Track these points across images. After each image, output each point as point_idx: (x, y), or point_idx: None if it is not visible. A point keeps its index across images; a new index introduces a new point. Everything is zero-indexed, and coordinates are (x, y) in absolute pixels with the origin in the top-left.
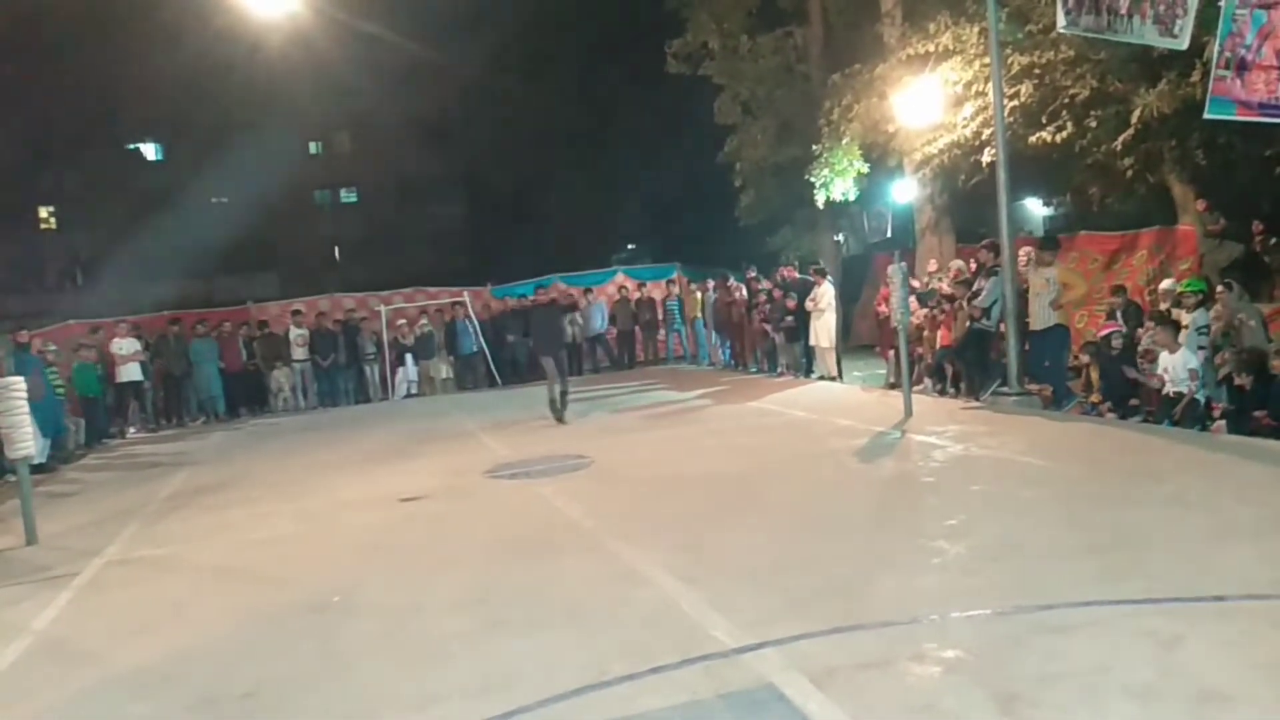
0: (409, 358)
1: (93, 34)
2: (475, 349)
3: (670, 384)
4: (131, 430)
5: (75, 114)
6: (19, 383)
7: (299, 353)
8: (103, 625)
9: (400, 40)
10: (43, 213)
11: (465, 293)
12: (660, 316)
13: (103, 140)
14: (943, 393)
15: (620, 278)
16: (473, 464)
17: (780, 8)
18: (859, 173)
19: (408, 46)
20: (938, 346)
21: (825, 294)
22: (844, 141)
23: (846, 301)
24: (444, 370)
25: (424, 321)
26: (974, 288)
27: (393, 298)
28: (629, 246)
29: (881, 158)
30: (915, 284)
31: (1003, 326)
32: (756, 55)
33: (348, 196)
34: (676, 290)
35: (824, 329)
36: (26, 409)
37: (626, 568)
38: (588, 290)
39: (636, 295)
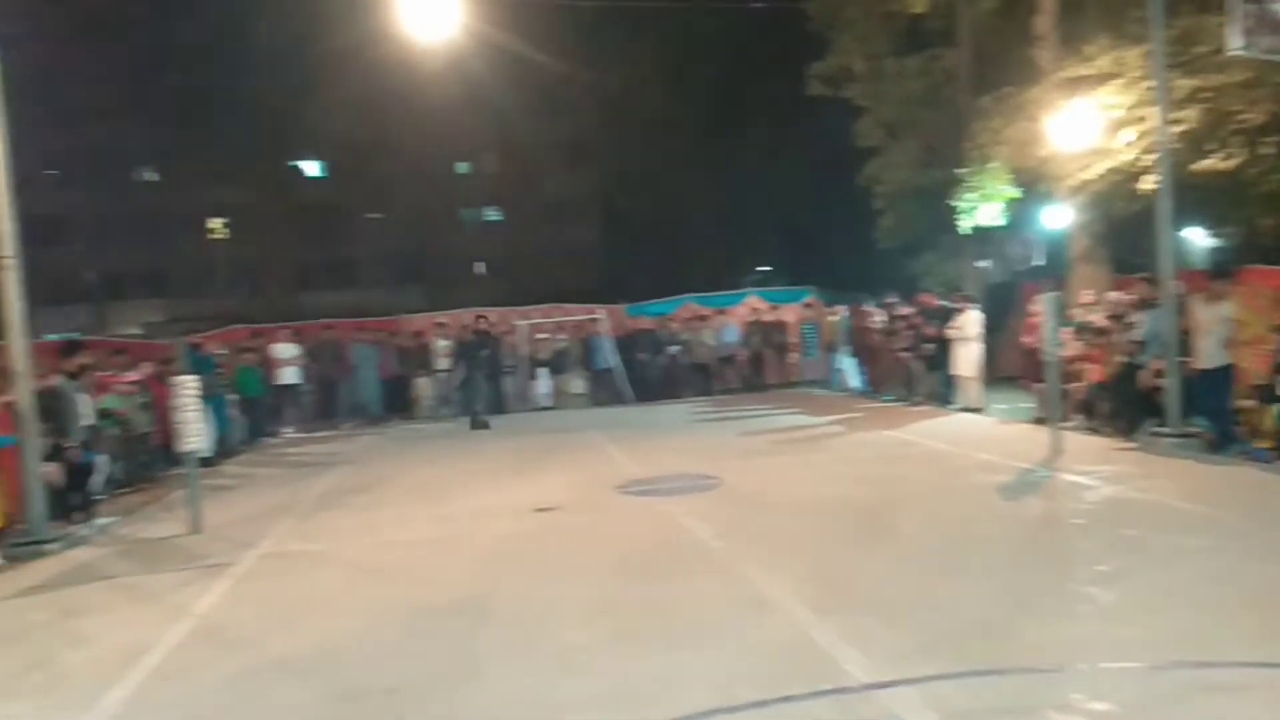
0: (543, 371)
1: (261, 57)
2: (608, 365)
3: (802, 408)
4: (287, 430)
5: (245, 132)
6: (192, 382)
7: (441, 363)
8: (257, 613)
9: (546, 64)
10: (215, 223)
11: (600, 310)
12: (793, 340)
13: (269, 157)
14: (1094, 430)
15: (753, 299)
16: (603, 478)
17: (928, 30)
18: (1007, 198)
19: (553, 71)
20: (1089, 381)
21: (971, 321)
22: (992, 165)
23: (990, 331)
24: (578, 385)
25: (561, 336)
26: (1128, 320)
27: (531, 313)
28: (762, 268)
29: (1032, 183)
30: (1067, 315)
31: (1154, 364)
32: (902, 78)
33: (491, 215)
34: (811, 313)
35: (968, 358)
36: (198, 406)
37: (755, 592)
38: (719, 311)
39: (770, 317)
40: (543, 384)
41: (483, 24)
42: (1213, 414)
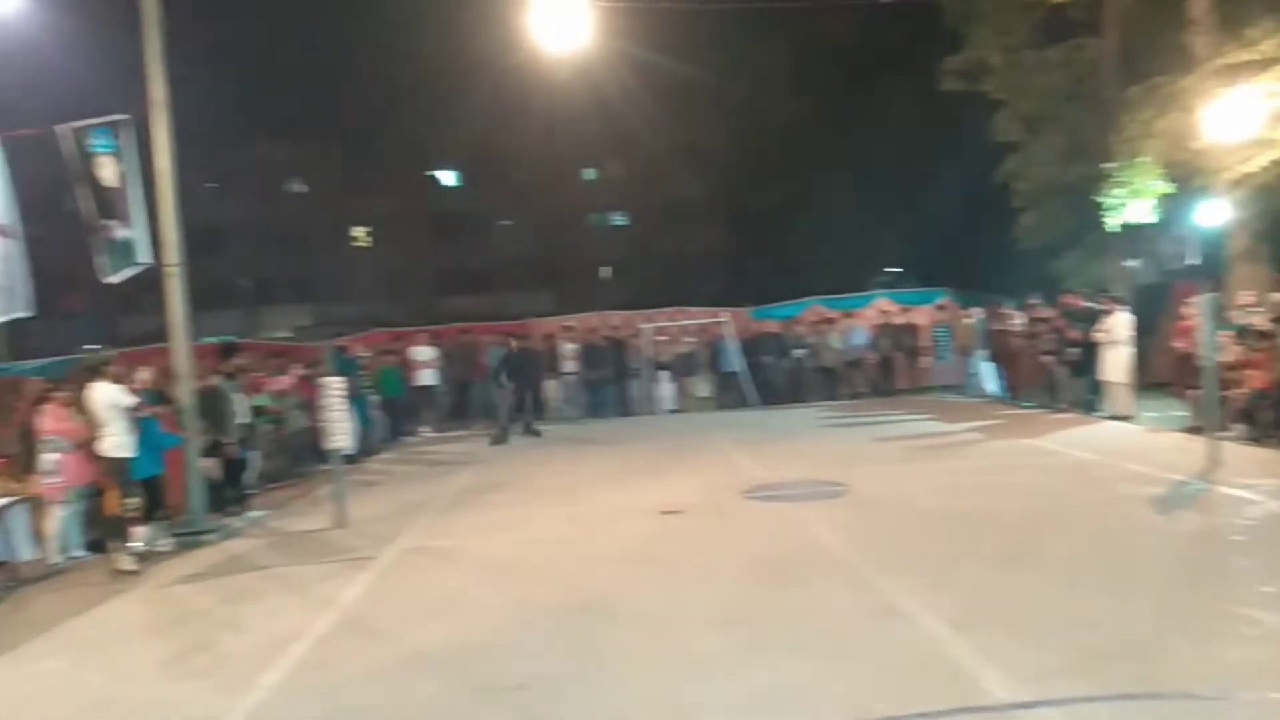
0: (665, 374)
1: (400, 72)
2: (734, 369)
3: (936, 414)
4: (424, 430)
5: (386, 145)
6: (338, 383)
7: (569, 366)
8: (397, 606)
9: (671, 68)
10: (358, 232)
11: (725, 313)
12: (925, 343)
13: (408, 168)
14: (1256, 441)
15: (882, 302)
16: (729, 482)
17: (1071, 19)
18: (1158, 193)
19: (678, 74)
20: (1250, 388)
21: (1121, 324)
22: (1142, 159)
23: (1140, 334)
24: (703, 388)
25: (688, 339)
26: None
27: (656, 316)
28: (890, 270)
29: (1186, 177)
30: (1225, 317)
31: None
32: (1043, 69)
33: (618, 220)
34: (944, 316)
35: (1117, 363)
36: (343, 406)
37: (887, 603)
38: (847, 314)
39: (900, 320)
40: (666, 387)
41: (610, 31)
42: None
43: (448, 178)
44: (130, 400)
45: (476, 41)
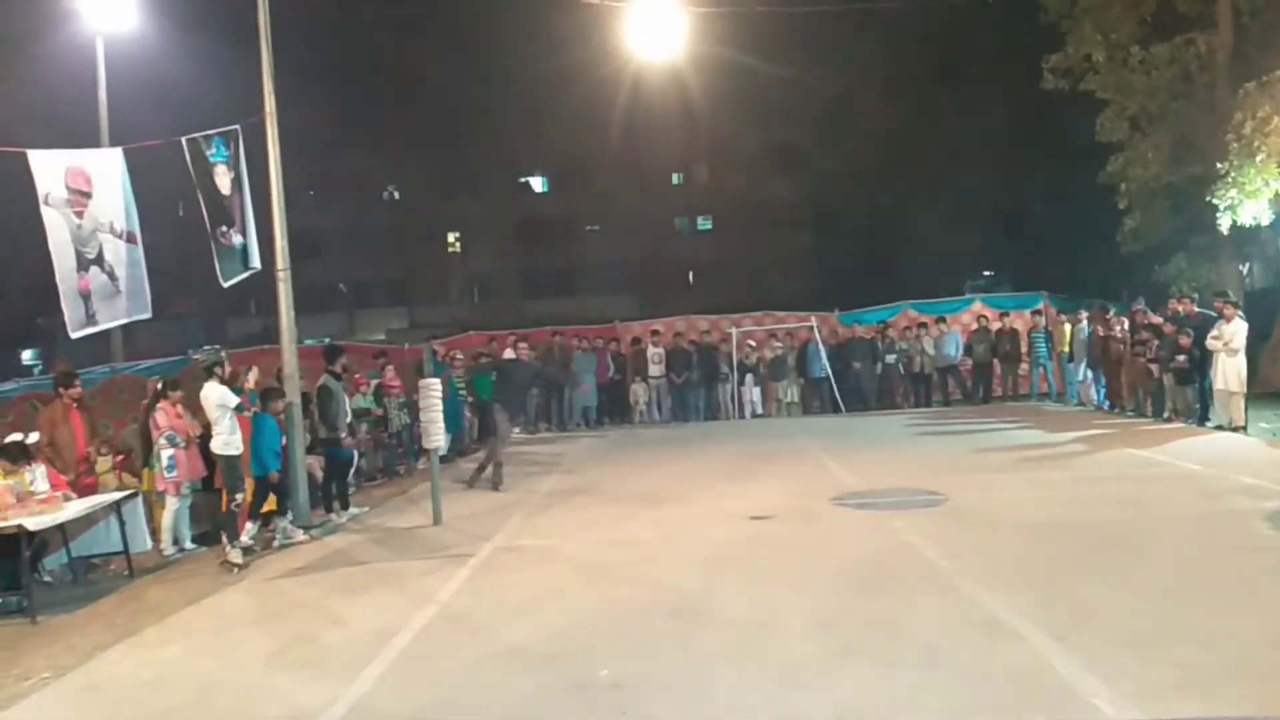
0: (749, 378)
1: (490, 77)
2: (822, 374)
3: (1035, 423)
4: (515, 432)
5: (478, 151)
6: (436, 384)
7: (655, 369)
8: (493, 602)
9: (759, 70)
10: (450, 237)
11: (813, 318)
12: (1023, 349)
13: (499, 174)
14: None
15: (978, 306)
16: (819, 488)
17: (1180, 13)
18: (1275, 194)
19: (766, 77)
20: None
21: (1237, 331)
22: (1258, 159)
23: (1252, 341)
24: (791, 393)
25: (776, 344)
26: None
27: (743, 320)
28: (986, 273)
29: None
30: None
31: None
32: (1149, 66)
33: (703, 223)
34: (1043, 321)
35: (1233, 371)
36: (440, 407)
37: (987, 615)
38: (940, 319)
39: (997, 325)
40: (752, 392)
41: (700, 34)
42: None
43: (536, 183)
44: (236, 400)
45: (567, 47)
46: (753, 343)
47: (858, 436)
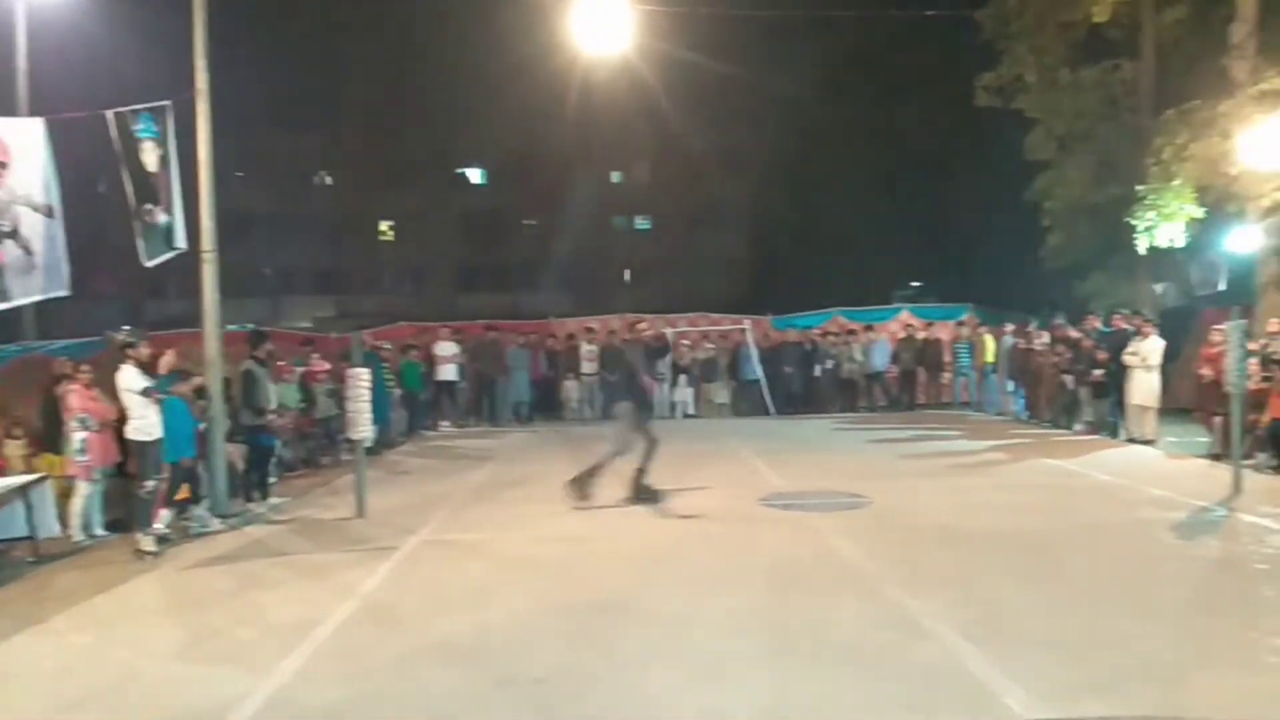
0: (683, 379)
1: (433, 66)
2: (754, 376)
3: (956, 431)
4: (444, 425)
5: (416, 139)
6: (365, 374)
7: (588, 367)
8: (417, 597)
9: (701, 74)
10: (383, 226)
11: (746, 321)
12: (946, 359)
13: (437, 164)
14: (1278, 469)
15: (905, 315)
16: (747, 490)
17: (1108, 40)
18: (1190, 217)
19: (707, 80)
20: (1273, 417)
21: (1154, 348)
22: (1175, 183)
23: (1165, 359)
24: (723, 394)
25: (709, 345)
26: None
27: (677, 321)
28: (914, 284)
29: (1219, 202)
30: (1253, 345)
31: None
32: (1078, 89)
33: (642, 223)
34: (966, 332)
35: (1147, 386)
36: (368, 397)
37: (907, 616)
38: (868, 327)
39: (922, 334)
40: (685, 392)
41: (644, 36)
42: None
43: (474, 175)
44: (145, 383)
45: (511, 40)
46: (687, 343)
47: (787, 439)
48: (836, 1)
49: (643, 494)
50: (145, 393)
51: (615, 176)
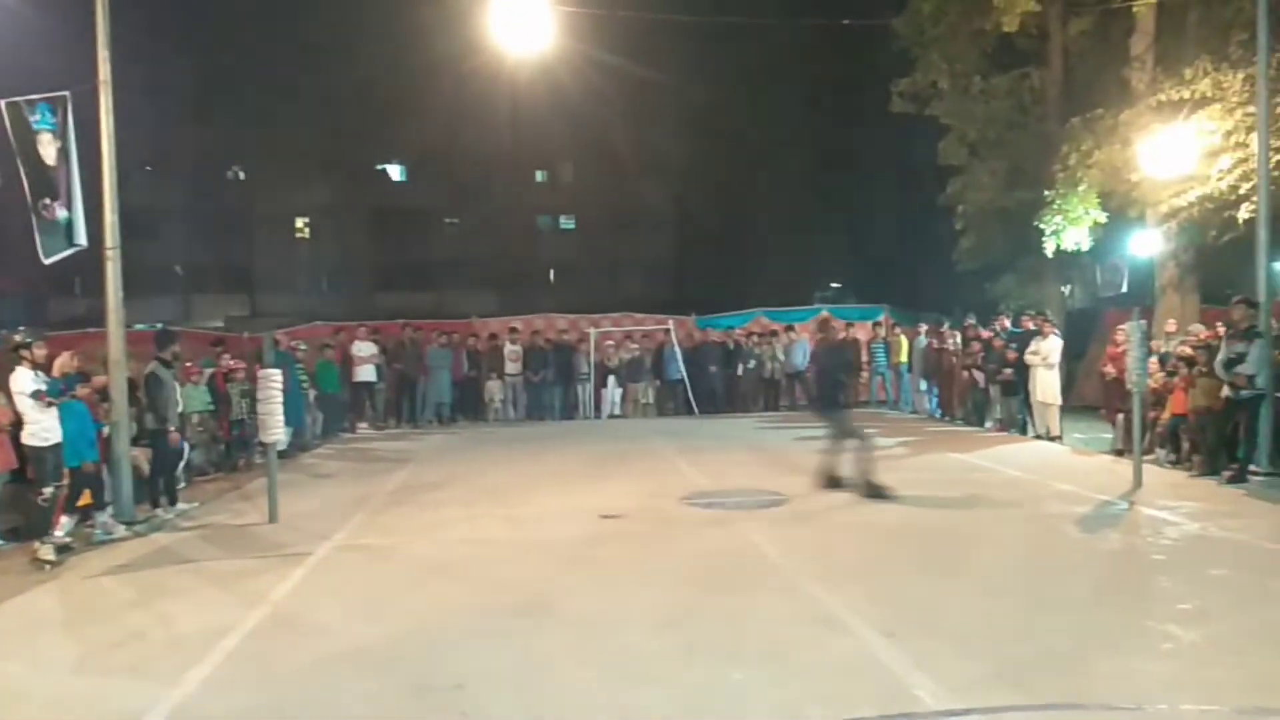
0: (611, 379)
1: (353, 62)
2: (678, 376)
3: (873, 429)
4: (362, 426)
5: (333, 134)
6: (277, 375)
7: (512, 367)
8: (331, 603)
9: (627, 74)
10: (299, 223)
11: (670, 321)
12: (864, 358)
13: (355, 160)
14: (1176, 464)
15: (824, 316)
16: (670, 488)
17: (1018, 49)
18: (1094, 222)
19: (632, 81)
20: (1173, 413)
21: (1054, 347)
22: (1080, 188)
23: (1070, 358)
24: (647, 394)
25: (633, 346)
26: (1231, 352)
27: (602, 321)
28: (833, 285)
29: (1121, 207)
30: (1152, 345)
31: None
32: (989, 96)
33: (566, 223)
34: (883, 333)
35: (1049, 384)
36: (280, 399)
37: (824, 612)
38: (789, 327)
39: (841, 335)
40: (614, 392)
41: (567, 35)
42: None
43: (394, 172)
44: (35, 387)
45: (431, 37)
46: (612, 343)
47: (710, 438)
48: (757, 7)
49: (875, 490)
50: (35, 396)
51: (539, 176)
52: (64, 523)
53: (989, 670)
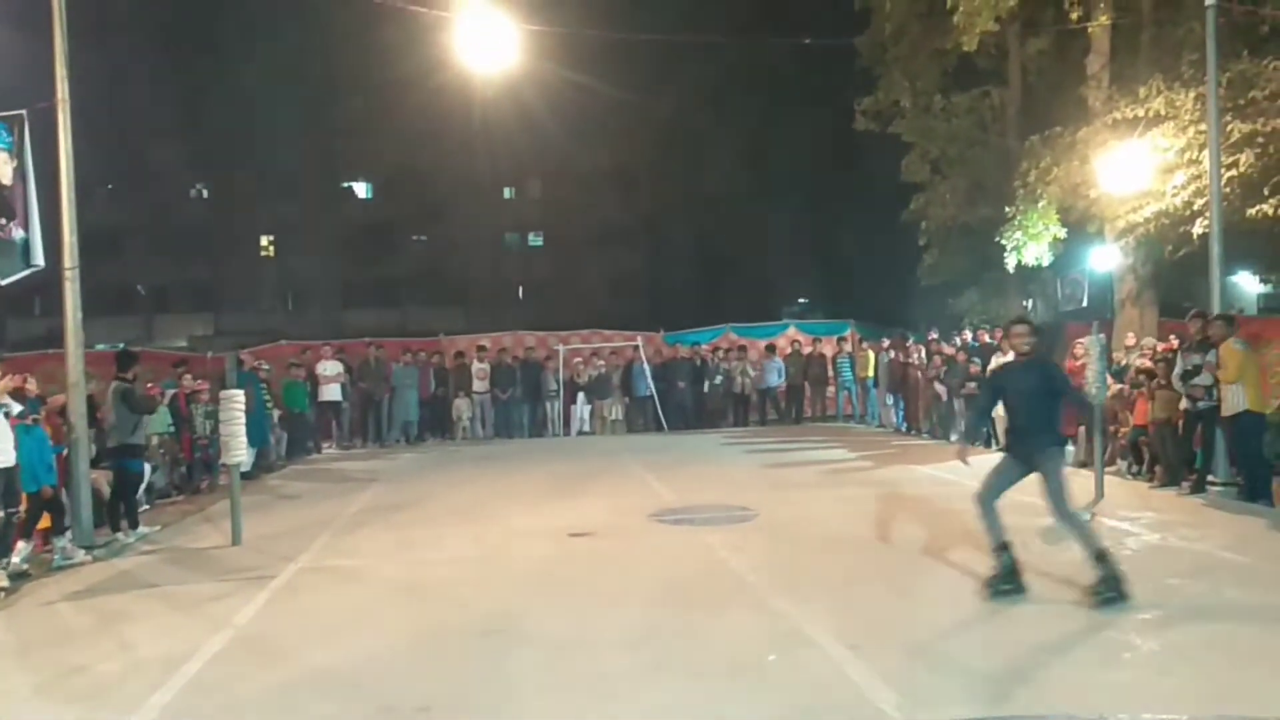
0: (581, 396)
1: (317, 80)
2: (647, 392)
3: (839, 443)
4: (328, 446)
5: (297, 151)
6: (239, 396)
7: (480, 385)
8: (295, 626)
9: (593, 91)
10: (263, 241)
11: (639, 337)
12: (830, 373)
13: (320, 177)
14: (1136, 475)
15: (792, 331)
16: (638, 505)
17: (978, 68)
18: (1054, 237)
19: (599, 98)
20: (1132, 425)
21: None
22: (1040, 205)
23: None
24: (616, 411)
25: (600, 363)
26: (1187, 364)
27: (571, 338)
28: (800, 300)
29: (1080, 223)
30: (1113, 357)
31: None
32: (950, 114)
33: (534, 240)
34: (848, 347)
35: None
36: (243, 420)
37: (791, 627)
38: (770, 346)
39: (808, 350)
40: (584, 410)
41: (534, 53)
42: (1246, 463)
43: (360, 189)
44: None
45: (398, 55)
46: (580, 360)
47: (678, 454)
48: (722, 26)
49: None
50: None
51: (507, 193)
52: (20, 548)
53: (954, 683)
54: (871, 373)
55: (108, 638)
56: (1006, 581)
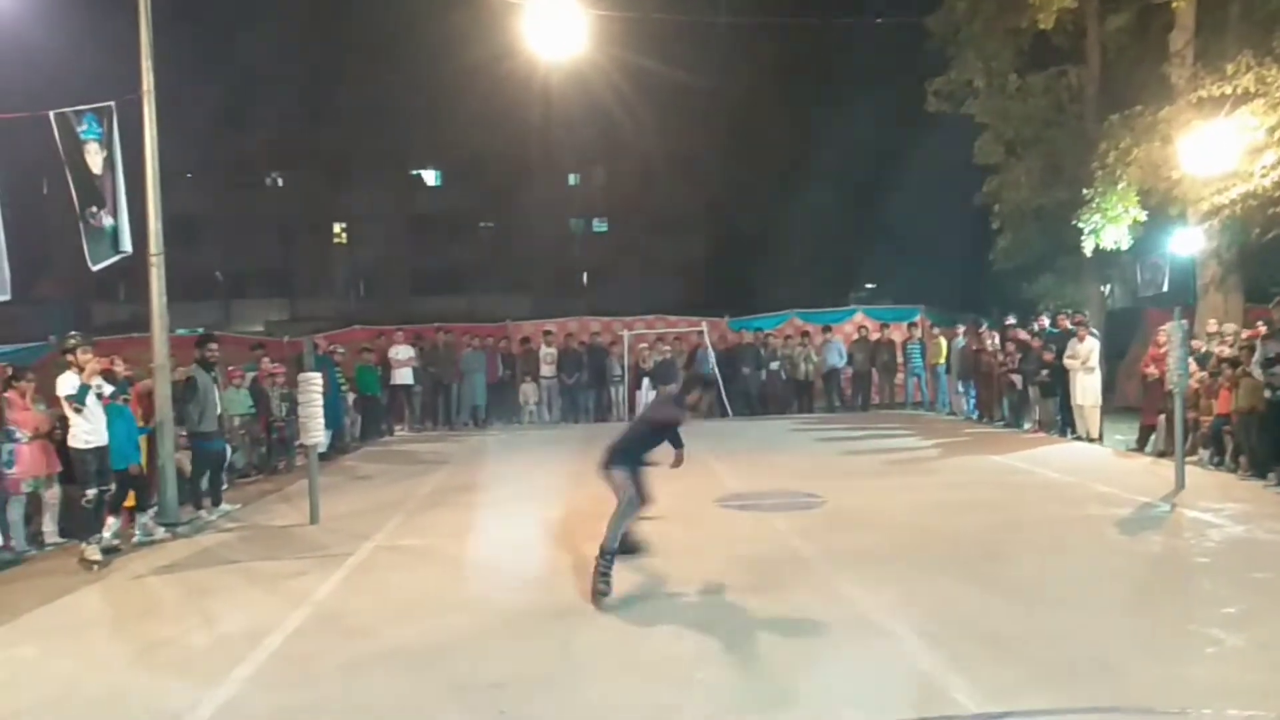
0: (645, 381)
1: (387, 67)
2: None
3: (908, 430)
4: (400, 429)
5: (370, 141)
6: (317, 379)
7: (546, 370)
8: (371, 603)
9: (660, 77)
10: (336, 228)
11: (703, 323)
12: (900, 359)
13: (391, 165)
14: (1220, 465)
15: (860, 317)
16: (704, 490)
17: (1055, 46)
18: (1134, 220)
19: (666, 83)
20: (1217, 414)
21: (1091, 349)
22: (1119, 186)
23: (1111, 358)
24: None
25: (665, 348)
26: (1268, 352)
27: (635, 323)
28: (868, 285)
29: (1161, 205)
30: (1194, 344)
31: None
32: (1025, 94)
33: (599, 226)
34: (919, 334)
35: (1088, 386)
36: (320, 402)
37: (860, 614)
38: (826, 328)
39: (876, 336)
40: (650, 395)
41: (601, 38)
42: None
43: (429, 177)
44: (68, 391)
45: (467, 44)
46: (645, 345)
47: (743, 440)
48: (791, 7)
49: None
50: (68, 400)
51: (572, 179)
52: (110, 524)
53: (1027, 673)
54: (943, 359)
55: (193, 611)
56: None
